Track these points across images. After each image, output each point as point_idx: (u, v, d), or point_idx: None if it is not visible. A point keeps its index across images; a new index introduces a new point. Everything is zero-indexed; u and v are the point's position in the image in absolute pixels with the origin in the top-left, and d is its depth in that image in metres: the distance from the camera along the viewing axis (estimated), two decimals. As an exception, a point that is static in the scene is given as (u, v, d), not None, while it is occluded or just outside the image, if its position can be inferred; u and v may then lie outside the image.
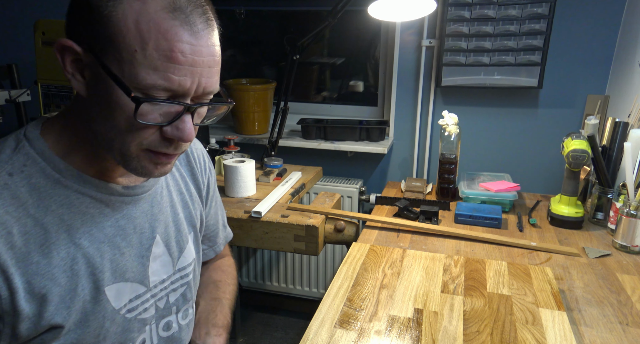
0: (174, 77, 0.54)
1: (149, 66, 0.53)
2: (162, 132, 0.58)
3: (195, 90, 0.57)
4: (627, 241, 1.13)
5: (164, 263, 0.77)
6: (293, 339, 2.09)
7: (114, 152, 0.59)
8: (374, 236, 1.22)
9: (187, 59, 0.54)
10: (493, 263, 1.01)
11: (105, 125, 0.58)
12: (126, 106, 0.55)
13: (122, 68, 0.53)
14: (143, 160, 0.60)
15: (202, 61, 0.56)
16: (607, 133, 1.33)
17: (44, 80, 1.34)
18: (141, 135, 0.58)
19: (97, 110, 0.58)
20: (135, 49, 0.53)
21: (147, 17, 0.53)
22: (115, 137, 0.58)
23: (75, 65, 0.57)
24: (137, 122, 0.55)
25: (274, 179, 1.61)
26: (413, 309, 0.84)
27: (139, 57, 0.53)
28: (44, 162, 0.61)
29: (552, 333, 0.77)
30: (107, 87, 0.55)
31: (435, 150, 1.92)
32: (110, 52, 0.54)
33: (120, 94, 0.54)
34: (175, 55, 0.53)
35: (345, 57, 2.22)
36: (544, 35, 1.62)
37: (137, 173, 0.62)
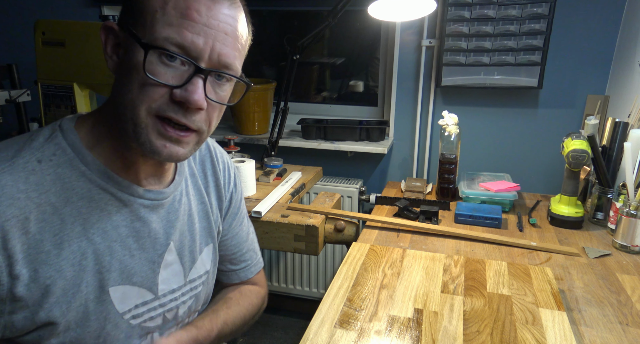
0: (187, 32, 0.57)
1: (166, 22, 0.57)
2: (172, 95, 0.59)
3: (209, 54, 0.59)
4: (627, 241, 1.13)
5: (175, 272, 0.76)
6: (293, 339, 2.09)
7: (128, 121, 0.60)
8: (374, 236, 1.22)
9: (202, 18, 0.57)
10: (493, 263, 1.01)
11: (122, 92, 0.60)
12: (139, 64, 0.57)
13: (144, 31, 0.57)
14: (150, 132, 0.60)
15: (217, 24, 0.59)
16: (607, 133, 1.33)
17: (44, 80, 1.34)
18: (150, 96, 0.58)
19: (120, 81, 0.60)
20: (156, 9, 0.57)
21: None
22: (128, 103, 0.59)
23: (114, 48, 0.62)
24: (147, 78, 0.57)
25: (274, 179, 1.61)
26: (413, 309, 0.84)
27: (158, 16, 0.57)
28: (72, 152, 0.63)
29: (552, 333, 0.77)
30: (129, 53, 0.59)
31: (435, 150, 1.92)
32: (137, 21, 0.58)
33: (138, 54, 0.57)
34: (190, 12, 0.57)
35: (345, 57, 2.22)
36: (544, 35, 1.62)
37: (146, 149, 0.61)
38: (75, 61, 1.29)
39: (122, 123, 0.61)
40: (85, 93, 1.36)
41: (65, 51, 1.29)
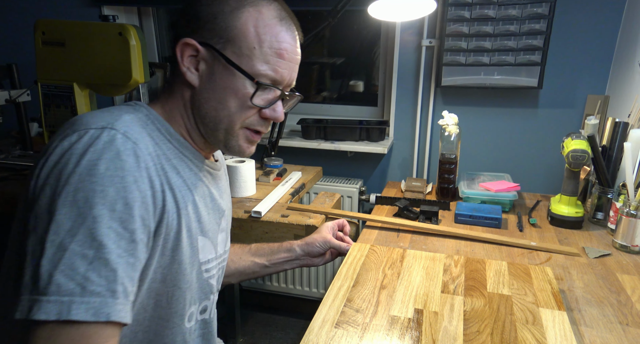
0: (279, 69, 0.71)
1: (263, 60, 0.70)
2: (261, 114, 0.74)
3: (287, 81, 0.74)
4: (627, 241, 1.13)
5: (223, 238, 0.86)
6: (293, 339, 2.09)
7: (220, 131, 0.73)
8: (374, 236, 1.22)
9: (289, 57, 0.72)
10: (493, 263, 1.01)
11: (217, 107, 0.71)
12: (240, 90, 0.70)
13: (240, 61, 0.69)
14: (241, 139, 0.74)
15: (296, 59, 0.75)
16: (607, 133, 1.33)
17: (44, 80, 1.34)
18: (246, 115, 0.72)
19: (210, 96, 0.71)
20: (254, 46, 0.69)
21: (263, 23, 0.69)
22: (225, 117, 0.72)
23: (191, 60, 0.70)
24: (248, 103, 0.71)
25: (274, 179, 1.61)
26: (413, 309, 0.84)
27: (256, 53, 0.69)
28: (158, 124, 0.71)
29: (552, 333, 0.77)
30: (223, 76, 0.70)
31: (435, 150, 1.92)
32: (229, 48, 0.69)
33: (236, 81, 0.70)
34: (282, 53, 0.71)
35: (345, 57, 2.22)
36: (544, 35, 1.62)
37: (233, 151, 0.75)
38: (75, 61, 1.29)
39: (212, 129, 0.73)
40: (85, 93, 1.36)
41: (65, 51, 1.28)
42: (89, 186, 0.56)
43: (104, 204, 0.57)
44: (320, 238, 1.06)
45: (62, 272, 0.53)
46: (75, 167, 0.57)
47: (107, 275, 0.55)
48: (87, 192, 0.56)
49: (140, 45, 1.26)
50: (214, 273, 0.83)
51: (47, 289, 0.53)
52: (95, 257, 0.55)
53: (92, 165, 0.57)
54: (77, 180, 0.56)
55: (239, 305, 2.04)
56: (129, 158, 0.60)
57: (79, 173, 0.57)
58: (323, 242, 1.06)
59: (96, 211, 0.56)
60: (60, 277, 0.53)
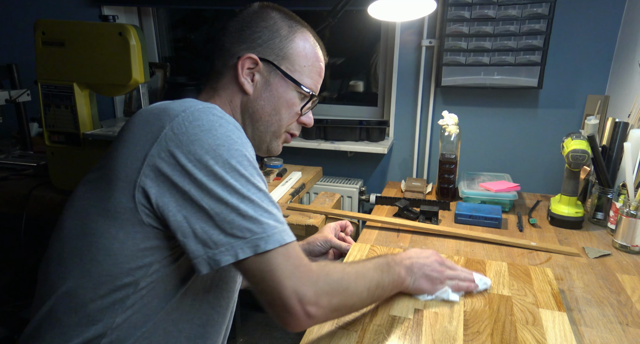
0: (317, 84, 0.89)
1: (308, 76, 0.86)
2: (299, 120, 0.89)
3: (318, 88, 0.90)
4: (627, 241, 1.13)
5: None
6: (293, 339, 2.09)
7: (268, 133, 0.86)
8: (374, 236, 1.22)
9: (322, 74, 0.90)
10: (493, 264, 1.01)
11: (271, 113, 0.84)
12: (292, 100, 0.85)
13: (293, 75, 0.84)
14: (280, 140, 0.89)
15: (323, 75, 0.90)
16: (607, 133, 1.33)
17: (44, 80, 1.34)
18: (290, 120, 0.87)
19: (265, 104, 0.84)
20: (304, 65, 0.85)
21: (309, 48, 0.86)
22: (275, 121, 0.85)
23: (248, 72, 0.82)
24: (296, 111, 0.86)
25: (274, 179, 1.61)
26: (413, 309, 0.84)
27: (306, 71, 0.85)
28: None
29: (552, 334, 0.77)
30: (279, 87, 0.83)
31: (435, 150, 1.92)
32: (285, 64, 0.83)
33: (290, 92, 0.84)
34: (320, 72, 0.89)
35: (345, 57, 2.22)
36: (544, 35, 1.62)
37: (272, 150, 0.89)
38: (75, 61, 1.29)
39: (262, 133, 0.86)
40: (85, 93, 1.36)
41: (65, 51, 1.28)
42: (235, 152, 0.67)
43: (250, 163, 0.68)
44: (321, 237, 1.07)
45: (262, 215, 0.65)
46: (216, 139, 0.66)
47: (278, 211, 0.69)
48: (237, 157, 0.67)
49: (140, 45, 1.26)
50: None
51: (261, 228, 0.65)
52: (269, 201, 0.68)
53: (227, 135, 0.67)
54: (225, 150, 0.66)
55: (239, 305, 2.04)
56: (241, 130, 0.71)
57: (222, 144, 0.66)
58: (324, 241, 1.06)
59: (249, 170, 0.67)
60: (264, 218, 0.65)
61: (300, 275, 0.65)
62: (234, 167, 0.66)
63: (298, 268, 0.65)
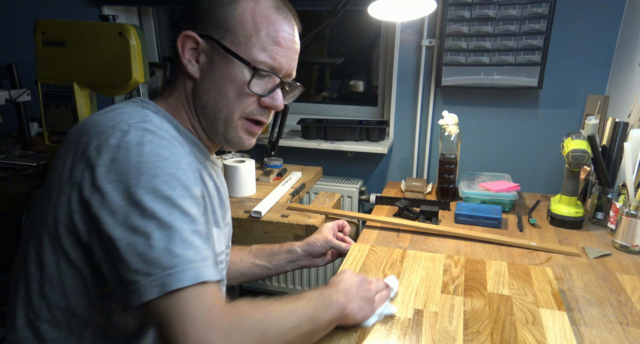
0: (277, 56, 0.72)
1: (260, 47, 0.71)
2: (260, 102, 0.74)
3: (286, 69, 0.75)
4: (627, 241, 1.13)
5: (227, 233, 0.87)
6: (293, 339, 2.09)
7: (219, 121, 0.74)
8: (374, 236, 1.22)
9: (286, 44, 0.73)
10: (493, 263, 1.01)
11: (216, 97, 0.72)
12: (238, 78, 0.71)
13: (238, 49, 0.70)
14: (240, 130, 0.75)
15: (293, 47, 0.75)
16: (607, 133, 1.33)
17: (44, 80, 1.34)
18: (245, 103, 0.73)
19: (209, 86, 0.72)
20: (251, 34, 0.70)
21: (260, 12, 0.71)
22: (224, 106, 0.73)
23: (192, 52, 0.72)
24: (247, 90, 0.71)
25: (274, 179, 1.61)
26: (413, 309, 0.84)
27: (254, 41, 0.70)
28: (166, 119, 0.72)
29: (552, 333, 0.77)
30: (222, 65, 0.71)
31: (435, 150, 1.92)
32: (227, 38, 0.70)
33: (235, 69, 0.71)
34: (279, 41, 0.72)
35: (345, 57, 2.22)
36: (544, 35, 1.62)
37: (232, 143, 0.76)
38: (75, 61, 1.29)
39: (212, 121, 0.74)
40: (85, 93, 1.36)
41: (65, 51, 1.28)
42: (163, 170, 0.60)
43: (180, 184, 0.61)
44: (321, 238, 1.06)
45: (179, 245, 0.57)
46: (141, 157, 0.60)
47: (205, 243, 0.61)
48: (164, 176, 0.60)
49: (140, 45, 1.26)
50: (225, 266, 0.85)
51: (173, 262, 0.56)
52: (194, 229, 0.60)
53: (156, 153, 0.61)
54: (150, 168, 0.59)
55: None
56: (176, 146, 0.65)
57: (148, 162, 0.60)
58: (324, 242, 1.05)
59: (178, 191, 0.60)
60: (180, 249, 0.57)
61: (210, 320, 0.55)
62: (157, 188, 0.59)
63: (209, 312, 0.56)
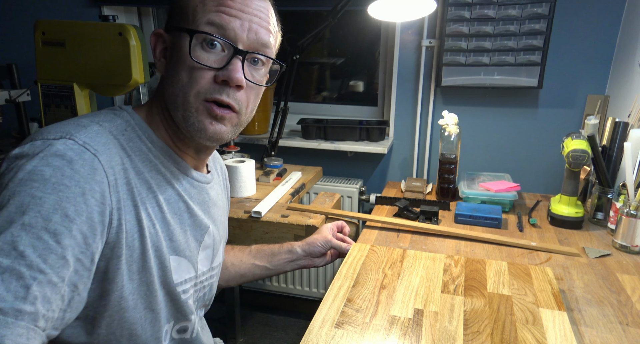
0: (224, 15, 0.63)
1: (205, 11, 0.64)
2: (215, 78, 0.65)
3: (246, 35, 0.65)
4: (627, 241, 1.13)
5: (207, 255, 0.81)
6: (293, 339, 2.09)
7: (179, 108, 0.66)
8: (374, 236, 1.22)
9: (236, 4, 0.64)
10: (493, 263, 1.01)
11: (172, 82, 0.66)
12: (185, 53, 0.64)
13: (187, 23, 0.65)
14: (201, 114, 0.66)
15: (251, 11, 0.65)
16: (607, 133, 1.33)
17: (44, 80, 1.34)
18: (197, 81, 0.64)
19: (169, 76, 0.66)
20: (196, 4, 0.64)
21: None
22: (179, 92, 0.65)
23: (162, 52, 0.69)
24: (193, 63, 0.63)
25: (274, 179, 1.61)
26: (413, 309, 0.84)
27: (199, 9, 0.64)
28: (140, 130, 0.67)
29: (552, 333, 0.77)
30: (176, 48, 0.65)
31: (435, 150, 1.92)
32: (180, 17, 0.66)
33: (183, 45, 0.64)
34: (226, 1, 0.64)
35: (345, 57, 2.22)
36: (544, 35, 1.62)
37: (194, 129, 0.66)
38: (75, 61, 1.29)
39: (173, 111, 0.67)
40: (85, 93, 1.36)
41: (65, 51, 1.28)
42: (27, 190, 0.51)
43: (39, 212, 0.50)
44: (321, 237, 1.06)
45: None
46: (18, 171, 0.52)
47: (17, 291, 0.47)
48: (24, 197, 0.50)
49: (140, 45, 1.26)
50: (192, 294, 0.77)
51: None
52: (9, 268, 0.47)
53: (36, 170, 0.52)
54: (16, 184, 0.51)
55: (239, 305, 2.04)
56: (82, 168, 0.55)
57: (20, 178, 0.52)
58: (324, 242, 1.05)
59: (28, 218, 0.50)
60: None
61: None
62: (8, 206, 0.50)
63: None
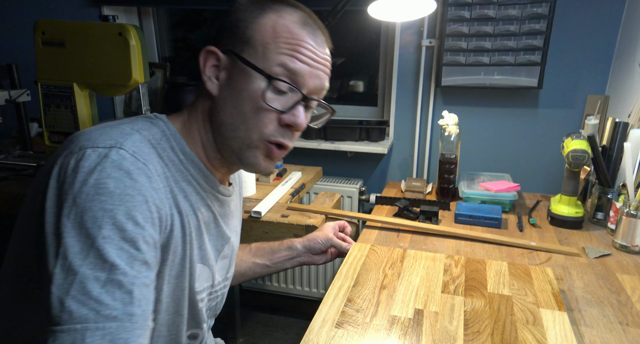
0: (297, 68, 0.65)
1: (278, 53, 0.65)
2: (280, 120, 0.67)
3: (312, 81, 0.68)
4: (627, 241, 1.13)
5: (224, 265, 0.83)
6: (293, 339, 2.09)
7: (236, 141, 0.68)
8: (374, 236, 1.22)
9: (309, 54, 0.66)
10: (494, 263, 1.01)
11: (233, 113, 0.67)
12: (254, 91, 0.65)
13: (256, 60, 0.65)
14: (258, 152, 0.69)
15: (320, 64, 0.68)
16: (607, 133, 1.33)
17: (44, 80, 1.34)
18: (263, 121, 0.66)
19: (227, 102, 0.67)
20: (268, 42, 0.65)
21: (281, 23, 0.66)
22: (241, 124, 0.67)
23: (213, 69, 0.68)
24: (263, 105, 0.65)
25: (274, 179, 1.61)
26: (413, 309, 0.84)
27: (271, 50, 0.65)
28: (174, 141, 0.68)
29: (552, 333, 0.77)
30: (240, 78, 0.66)
31: (435, 150, 1.92)
32: (247, 50, 0.66)
33: (251, 81, 0.65)
34: (300, 49, 0.66)
35: (345, 57, 2.22)
36: (544, 35, 1.62)
37: (246, 164, 0.70)
38: (75, 61, 1.29)
39: (227, 140, 0.68)
40: (85, 93, 1.36)
41: (65, 51, 1.28)
42: (97, 205, 0.53)
43: (114, 224, 0.54)
44: (322, 235, 1.06)
45: (73, 298, 0.49)
46: (82, 186, 0.54)
47: (123, 298, 0.51)
48: (96, 212, 0.53)
49: (140, 45, 1.26)
50: (206, 302, 0.79)
51: (60, 318, 0.49)
52: (108, 279, 0.51)
53: (100, 184, 0.54)
54: (85, 200, 0.53)
55: (239, 305, 2.04)
56: (139, 177, 0.58)
57: (86, 193, 0.54)
58: (325, 239, 1.05)
59: (106, 231, 0.53)
60: (72, 303, 0.49)
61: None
62: (83, 223, 0.52)
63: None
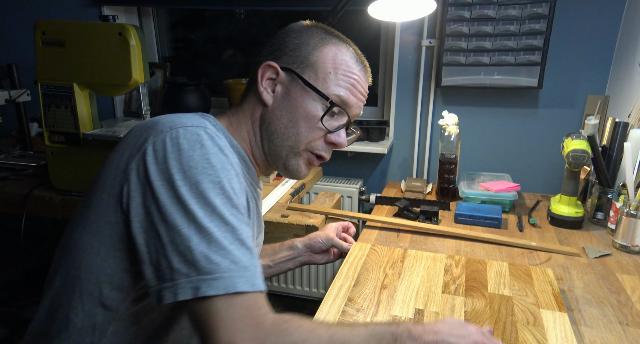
0: (351, 96, 0.78)
1: (336, 85, 0.77)
2: (326, 138, 0.79)
3: (355, 112, 0.80)
4: (627, 241, 1.13)
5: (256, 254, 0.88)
6: (293, 339, 2.09)
7: (284, 148, 0.78)
8: (374, 236, 1.22)
9: (360, 89, 0.80)
10: (494, 264, 1.01)
11: (287, 125, 0.77)
12: (312, 111, 0.76)
13: (316, 83, 0.76)
14: (301, 159, 0.80)
15: (364, 95, 0.81)
16: (607, 133, 1.33)
17: (44, 80, 1.34)
18: (312, 136, 0.78)
19: (282, 114, 0.77)
20: (330, 71, 0.76)
21: (341, 57, 0.78)
22: (293, 135, 0.77)
23: (269, 82, 0.78)
24: (318, 124, 0.77)
25: (274, 179, 1.61)
26: (414, 309, 0.84)
27: (331, 78, 0.76)
28: (223, 135, 0.75)
29: (553, 334, 0.77)
30: (298, 97, 0.76)
31: (435, 150, 1.92)
32: (307, 73, 0.76)
33: (310, 102, 0.76)
34: (354, 82, 0.78)
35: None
36: (544, 35, 1.62)
37: (289, 170, 0.81)
38: (75, 61, 1.29)
39: (277, 147, 0.79)
40: (85, 93, 1.36)
41: (65, 51, 1.28)
42: (207, 178, 0.62)
43: (223, 194, 0.62)
44: (323, 234, 1.07)
45: (215, 253, 0.58)
46: (190, 161, 0.62)
47: (246, 252, 0.61)
48: (207, 184, 0.61)
49: (140, 45, 1.26)
50: None
51: (209, 269, 0.58)
52: (234, 238, 0.61)
53: (204, 158, 0.63)
54: (195, 173, 0.61)
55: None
56: (229, 153, 0.67)
57: (195, 167, 0.62)
58: (326, 239, 1.06)
59: (219, 200, 0.62)
60: (217, 257, 0.58)
61: (244, 327, 0.56)
62: (202, 193, 0.61)
63: (242, 320, 0.57)
